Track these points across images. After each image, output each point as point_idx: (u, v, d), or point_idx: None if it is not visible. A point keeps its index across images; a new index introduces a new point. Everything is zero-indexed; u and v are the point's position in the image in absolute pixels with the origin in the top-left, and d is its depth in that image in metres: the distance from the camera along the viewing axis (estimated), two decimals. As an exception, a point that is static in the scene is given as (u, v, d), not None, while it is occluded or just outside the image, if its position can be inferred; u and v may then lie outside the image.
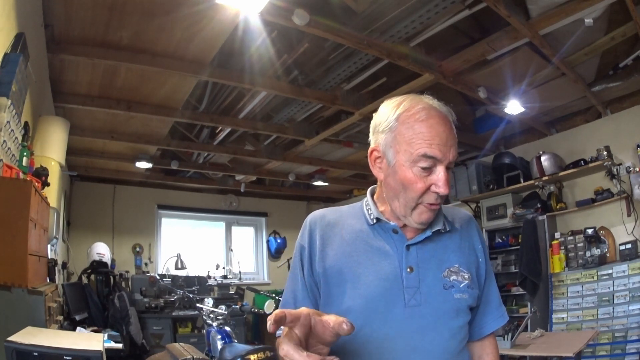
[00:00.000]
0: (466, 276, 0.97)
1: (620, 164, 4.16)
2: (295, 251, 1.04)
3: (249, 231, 7.85)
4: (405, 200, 0.93)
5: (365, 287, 0.93)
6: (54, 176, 3.13)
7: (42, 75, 3.14)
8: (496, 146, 5.39)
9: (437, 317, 0.92)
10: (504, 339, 3.14)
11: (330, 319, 0.68)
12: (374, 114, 1.02)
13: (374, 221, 0.99)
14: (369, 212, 1.01)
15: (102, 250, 5.60)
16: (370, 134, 1.02)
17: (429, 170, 0.90)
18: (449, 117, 0.94)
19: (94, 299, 5.29)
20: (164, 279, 5.79)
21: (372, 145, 0.99)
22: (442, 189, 0.90)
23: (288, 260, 6.33)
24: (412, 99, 0.96)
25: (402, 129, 0.92)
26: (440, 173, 0.90)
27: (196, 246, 7.04)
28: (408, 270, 0.94)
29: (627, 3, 2.79)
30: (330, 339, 0.70)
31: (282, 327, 0.96)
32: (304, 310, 0.69)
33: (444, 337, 0.92)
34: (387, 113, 0.96)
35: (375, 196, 1.04)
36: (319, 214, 1.05)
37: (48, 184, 2.74)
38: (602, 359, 3.75)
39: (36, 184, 2.18)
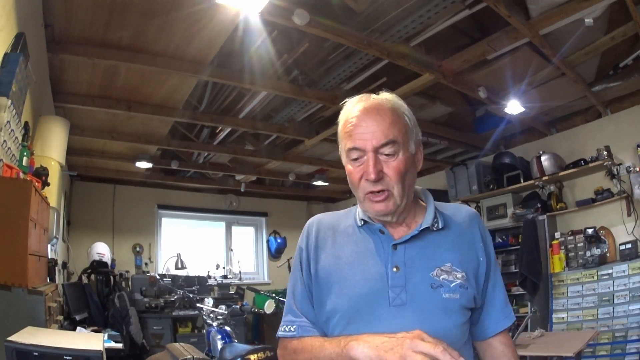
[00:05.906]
0: (459, 275, 0.94)
1: (621, 164, 4.16)
2: (296, 253, 1.09)
3: (249, 231, 7.85)
4: (356, 194, 0.98)
5: (351, 287, 0.94)
6: (54, 176, 3.13)
7: (42, 75, 3.13)
8: (496, 146, 5.39)
9: (422, 317, 0.89)
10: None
11: None
12: None
13: (362, 222, 1.01)
14: (358, 214, 1.04)
15: (102, 250, 5.60)
16: None
17: (360, 160, 0.94)
18: (385, 105, 0.96)
19: (94, 298, 5.28)
20: (164, 279, 5.78)
21: None
22: (368, 175, 0.92)
23: (288, 260, 6.32)
24: (352, 102, 1.00)
25: (339, 129, 1.00)
26: (367, 160, 0.93)
27: (196, 246, 7.03)
28: (394, 269, 0.93)
29: (627, 3, 2.79)
30: None
31: (291, 330, 0.98)
32: None
33: None
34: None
35: None
36: (316, 218, 1.10)
37: (48, 184, 2.74)
38: (602, 359, 3.75)
39: (36, 183, 2.18)
